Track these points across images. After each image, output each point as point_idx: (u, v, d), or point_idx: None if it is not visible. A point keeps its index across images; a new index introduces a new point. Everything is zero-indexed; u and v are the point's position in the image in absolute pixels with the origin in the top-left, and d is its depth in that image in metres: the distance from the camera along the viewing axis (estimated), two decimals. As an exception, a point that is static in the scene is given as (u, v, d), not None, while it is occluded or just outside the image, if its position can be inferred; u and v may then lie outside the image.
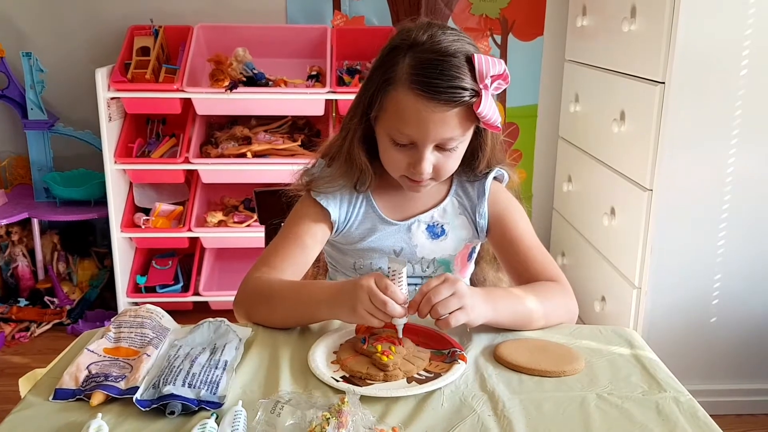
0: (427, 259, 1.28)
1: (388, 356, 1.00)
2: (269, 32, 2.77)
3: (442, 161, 1.16)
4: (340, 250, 1.31)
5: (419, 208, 1.28)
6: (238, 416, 0.84)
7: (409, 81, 1.09)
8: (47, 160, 2.80)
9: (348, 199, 1.26)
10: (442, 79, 1.07)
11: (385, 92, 1.12)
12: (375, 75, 1.15)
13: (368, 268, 1.28)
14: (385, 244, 1.27)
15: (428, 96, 1.08)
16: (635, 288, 2.15)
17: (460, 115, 1.10)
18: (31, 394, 0.93)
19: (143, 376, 0.93)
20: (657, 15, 1.98)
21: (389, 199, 1.28)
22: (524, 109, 3.00)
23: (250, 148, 2.59)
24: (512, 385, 0.97)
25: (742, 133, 1.98)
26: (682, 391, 0.96)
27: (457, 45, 1.10)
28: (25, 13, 2.80)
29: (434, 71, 1.08)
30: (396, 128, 1.13)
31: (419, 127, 1.10)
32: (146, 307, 1.14)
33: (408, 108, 1.10)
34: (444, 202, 1.28)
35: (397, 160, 1.17)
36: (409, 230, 1.27)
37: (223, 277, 2.84)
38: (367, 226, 1.27)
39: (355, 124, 1.20)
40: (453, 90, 1.07)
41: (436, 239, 1.28)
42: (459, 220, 1.29)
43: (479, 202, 1.28)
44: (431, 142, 1.12)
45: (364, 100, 1.17)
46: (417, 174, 1.15)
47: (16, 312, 2.70)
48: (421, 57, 1.10)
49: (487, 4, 2.87)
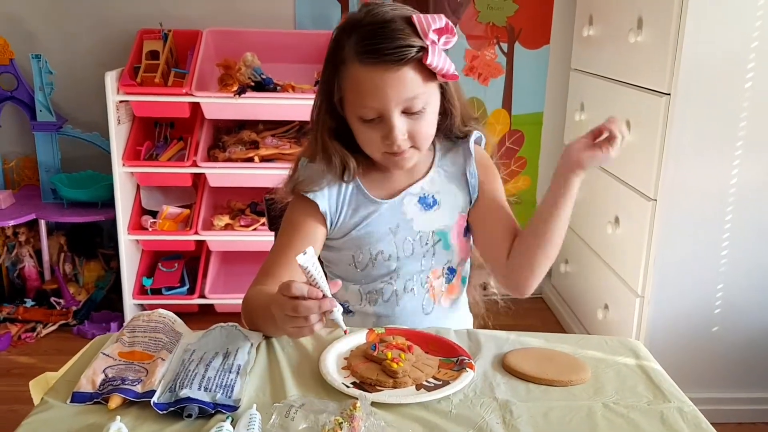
0: (425, 233, 1.27)
1: (397, 363, 1.01)
2: (277, 37, 2.79)
3: (415, 126, 1.17)
4: (336, 247, 1.29)
5: (406, 182, 1.28)
6: (253, 420, 0.86)
7: (357, 55, 1.13)
8: (55, 161, 2.82)
9: (336, 190, 1.27)
10: (385, 42, 1.11)
11: (340, 74, 1.16)
12: (328, 63, 1.19)
13: (368, 258, 1.27)
14: (380, 225, 1.26)
15: (377, 60, 1.11)
16: (638, 297, 2.16)
17: (414, 72, 1.13)
18: (48, 396, 0.95)
19: (159, 379, 0.95)
20: (664, 27, 2.00)
21: (375, 180, 1.28)
22: (530, 117, 3.02)
23: (258, 153, 2.62)
24: (520, 393, 0.99)
25: (746, 145, 2.00)
26: (686, 402, 0.98)
27: (395, 12, 1.14)
28: (35, 16, 2.83)
29: (377, 38, 1.12)
30: (359, 104, 1.15)
31: (377, 94, 1.12)
32: (159, 311, 1.16)
33: (363, 79, 1.13)
34: (429, 172, 1.30)
35: (372, 138, 1.18)
36: (401, 205, 1.27)
37: (228, 280, 2.86)
38: (358, 211, 1.27)
39: (322, 116, 1.22)
40: (399, 49, 1.10)
41: (429, 210, 1.28)
42: (449, 188, 1.30)
43: (467, 163, 1.30)
44: (395, 106, 1.14)
45: (324, 89, 1.21)
46: (393, 144, 1.16)
47: (23, 312, 2.72)
48: (362, 30, 1.14)
49: (495, 12, 2.89)
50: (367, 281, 1.28)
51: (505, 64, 2.96)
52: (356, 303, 1.30)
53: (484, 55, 2.93)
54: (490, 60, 2.94)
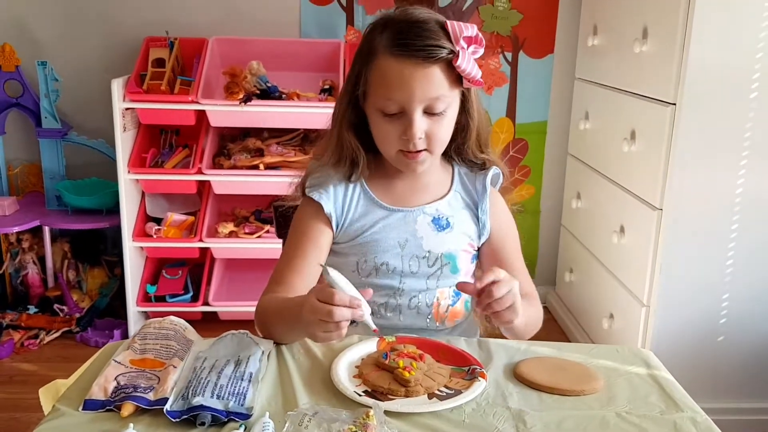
0: (434, 254, 1.26)
1: (409, 372, 1.01)
2: (283, 46, 2.80)
3: (433, 128, 1.17)
4: (342, 252, 1.28)
5: (423, 200, 1.28)
6: (266, 427, 0.86)
7: (389, 47, 1.15)
8: (60, 168, 2.82)
9: (343, 190, 1.27)
10: (418, 39, 1.13)
11: (368, 66, 1.18)
12: (357, 57, 1.21)
13: (372, 267, 1.25)
14: (389, 236, 1.25)
15: (408, 54, 1.13)
16: (644, 306, 2.16)
17: (442, 72, 1.14)
18: (59, 404, 0.94)
19: (171, 387, 0.95)
20: (669, 37, 2.01)
21: (388, 188, 1.28)
22: (534, 126, 3.02)
23: (263, 160, 2.62)
24: (533, 403, 0.99)
25: (751, 155, 2.00)
26: (698, 411, 0.98)
27: (429, 15, 1.18)
28: (41, 23, 2.83)
29: (410, 34, 1.14)
30: (383, 95, 1.16)
31: (403, 87, 1.14)
32: (170, 318, 1.16)
33: (391, 71, 1.14)
34: (448, 195, 1.30)
35: (389, 133, 1.18)
36: (414, 222, 1.26)
37: (232, 288, 2.85)
38: (366, 216, 1.26)
39: (343, 108, 1.24)
40: (430, 47, 1.13)
41: (441, 231, 1.27)
42: (463, 215, 1.30)
43: (481, 199, 1.30)
44: (418, 103, 1.15)
45: (350, 82, 1.22)
46: (410, 140, 1.16)
47: (26, 319, 2.71)
48: (396, 26, 1.16)
49: (499, 21, 2.90)
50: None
51: (509, 73, 2.96)
52: None
53: (488, 64, 2.93)
54: (495, 69, 2.95)
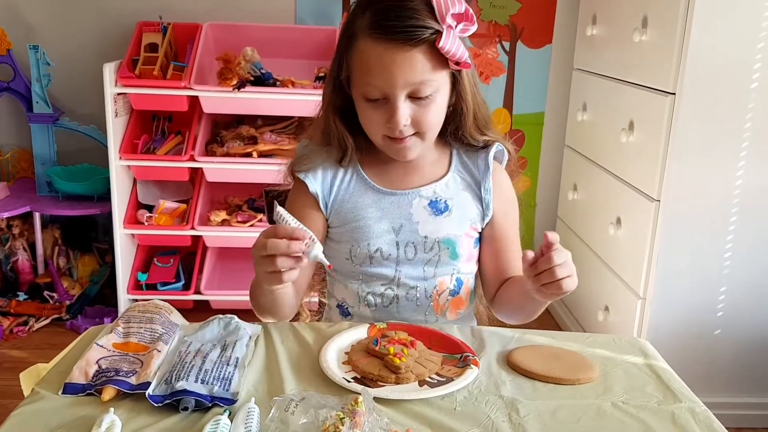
0: (431, 239, 1.20)
1: (400, 358, 0.99)
2: (278, 32, 2.76)
3: (420, 113, 1.12)
4: (334, 239, 1.24)
5: (419, 182, 1.22)
6: (251, 413, 0.83)
7: (368, 29, 1.09)
8: (51, 153, 2.78)
9: (332, 172, 1.23)
10: (399, 20, 1.06)
11: (349, 50, 1.13)
12: (340, 40, 1.16)
13: (365, 254, 1.20)
14: (383, 222, 1.20)
15: (387, 38, 1.07)
16: (640, 298, 2.14)
17: (425, 56, 1.08)
18: (39, 387, 0.92)
19: (154, 371, 0.92)
20: (669, 26, 1.98)
21: (382, 170, 1.23)
22: (531, 117, 2.99)
23: (256, 148, 2.59)
24: (526, 391, 0.96)
25: (751, 146, 1.98)
26: (697, 402, 0.95)
27: None
28: (33, 6, 2.79)
29: (391, 15, 1.07)
30: (365, 81, 1.11)
31: (384, 73, 1.08)
32: (154, 302, 1.13)
33: (371, 56, 1.09)
34: (446, 176, 1.24)
35: (374, 119, 1.14)
36: (410, 205, 1.21)
37: (224, 277, 2.82)
38: (356, 198, 1.21)
39: (329, 93, 1.19)
40: (411, 28, 1.06)
41: (439, 215, 1.21)
42: (463, 197, 1.23)
43: (483, 177, 1.24)
44: (401, 88, 1.09)
45: (334, 67, 1.17)
46: (394, 127, 1.11)
47: (15, 306, 2.68)
48: (377, 6, 1.10)
49: (497, 10, 2.87)
50: (366, 280, 1.23)
51: (506, 63, 2.94)
52: (354, 305, 1.25)
53: (485, 53, 2.90)
54: (492, 59, 2.92)
